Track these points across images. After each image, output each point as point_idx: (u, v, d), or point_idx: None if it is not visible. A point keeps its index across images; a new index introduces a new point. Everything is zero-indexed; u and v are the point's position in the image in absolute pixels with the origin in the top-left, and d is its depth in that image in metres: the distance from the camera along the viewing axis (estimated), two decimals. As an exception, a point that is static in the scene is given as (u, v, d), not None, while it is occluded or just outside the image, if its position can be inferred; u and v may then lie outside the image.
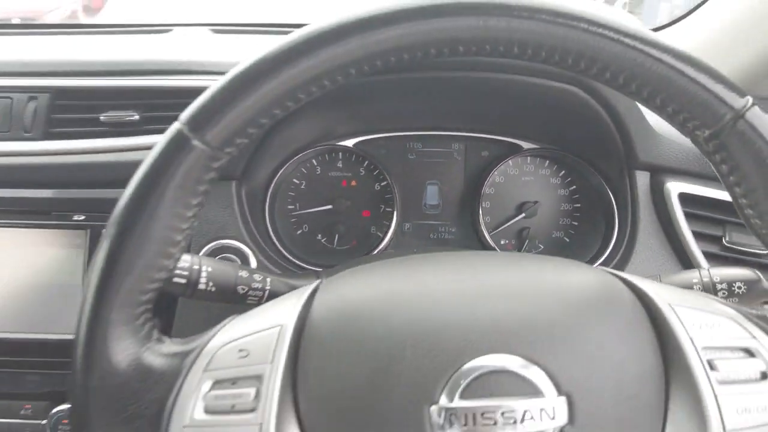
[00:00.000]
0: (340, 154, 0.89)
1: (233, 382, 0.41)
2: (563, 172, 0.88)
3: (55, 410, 0.72)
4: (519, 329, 0.39)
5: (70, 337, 0.75)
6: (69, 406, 0.43)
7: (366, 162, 0.89)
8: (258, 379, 0.40)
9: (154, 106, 0.74)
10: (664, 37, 0.42)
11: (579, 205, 0.88)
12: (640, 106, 0.73)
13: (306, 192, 0.89)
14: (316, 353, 0.41)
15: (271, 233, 0.83)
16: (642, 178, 0.77)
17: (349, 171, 0.89)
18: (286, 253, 0.81)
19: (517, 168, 0.88)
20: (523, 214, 0.87)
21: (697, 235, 0.73)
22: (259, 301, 0.56)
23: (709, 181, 0.75)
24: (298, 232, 0.89)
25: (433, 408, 0.37)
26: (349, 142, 0.88)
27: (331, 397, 0.40)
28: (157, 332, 0.44)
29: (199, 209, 0.43)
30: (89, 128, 0.74)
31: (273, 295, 0.55)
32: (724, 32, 0.78)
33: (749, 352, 0.42)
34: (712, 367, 0.40)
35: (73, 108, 0.74)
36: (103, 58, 0.77)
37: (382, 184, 0.89)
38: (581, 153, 0.84)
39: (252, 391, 0.40)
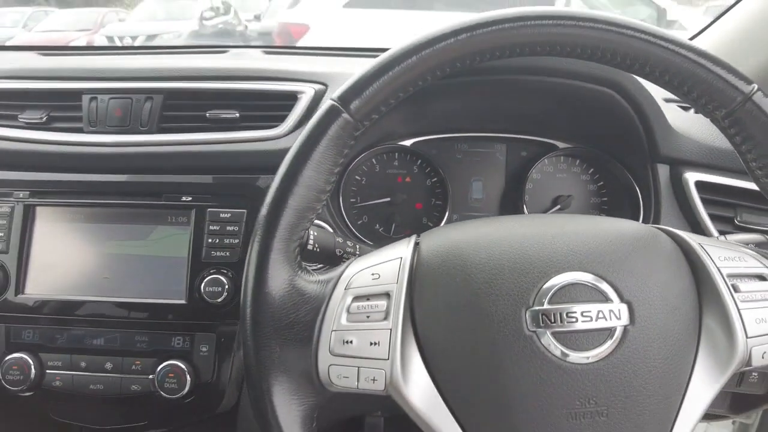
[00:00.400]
0: (397, 153, 1.01)
1: (368, 297, 0.52)
2: (592, 169, 1.00)
3: (161, 366, 0.81)
4: (590, 254, 0.51)
5: (174, 302, 0.86)
6: (239, 319, 0.54)
7: (419, 161, 1.01)
8: (387, 295, 0.52)
9: (252, 105, 0.87)
10: (697, 42, 0.55)
11: (606, 198, 1.01)
12: (660, 106, 0.85)
13: (366, 187, 1.01)
14: (429, 277, 0.53)
15: (346, 219, 0.96)
16: (663, 170, 0.88)
17: (404, 168, 1.01)
18: (359, 235, 0.93)
19: (552, 165, 1.00)
20: (559, 206, 0.98)
21: (713, 217, 0.84)
22: None
23: (720, 170, 0.86)
24: (359, 222, 1.01)
25: (528, 311, 0.49)
26: (407, 143, 1.00)
27: (441, 307, 0.51)
28: (304, 263, 0.56)
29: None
30: (195, 123, 0.86)
31: None
32: (741, 37, 0.91)
33: (763, 278, 0.54)
34: (735, 289, 0.52)
35: (182, 107, 0.86)
36: (208, 65, 0.90)
37: (433, 180, 1.01)
38: (609, 149, 0.96)
39: (384, 303, 0.51)
